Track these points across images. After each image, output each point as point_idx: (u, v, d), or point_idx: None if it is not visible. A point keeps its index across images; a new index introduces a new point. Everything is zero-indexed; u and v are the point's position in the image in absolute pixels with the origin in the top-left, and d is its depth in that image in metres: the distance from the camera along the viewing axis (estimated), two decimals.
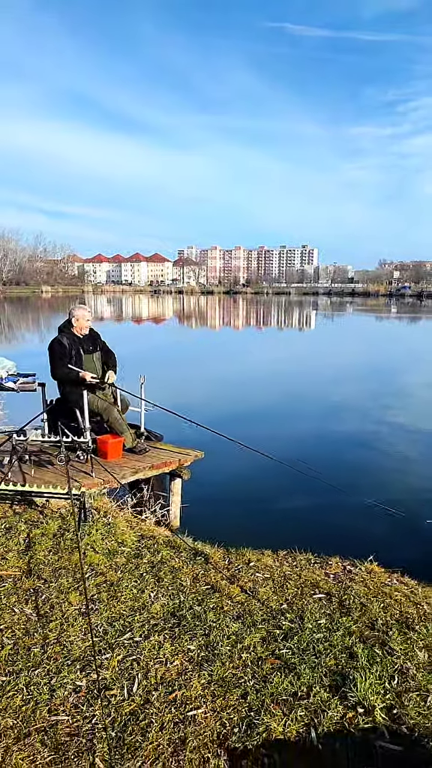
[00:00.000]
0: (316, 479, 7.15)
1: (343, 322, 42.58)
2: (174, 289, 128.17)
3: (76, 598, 2.82)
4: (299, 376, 15.71)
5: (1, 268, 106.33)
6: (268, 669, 2.32)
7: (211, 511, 6.28)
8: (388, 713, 2.10)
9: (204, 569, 3.25)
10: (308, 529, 5.48)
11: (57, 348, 5.29)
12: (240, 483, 7.10)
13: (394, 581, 3.32)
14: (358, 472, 7.42)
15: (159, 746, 1.91)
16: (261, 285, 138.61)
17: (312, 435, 9.37)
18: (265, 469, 7.49)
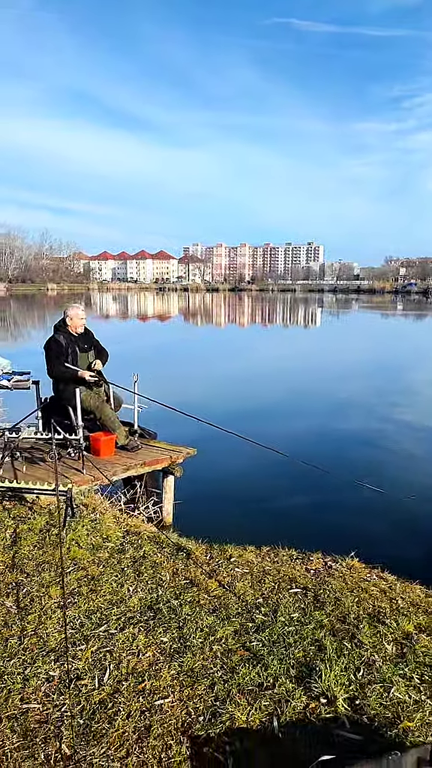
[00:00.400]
0: (310, 475, 7.21)
1: (348, 319, 42.52)
2: (179, 286, 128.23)
3: (57, 591, 2.89)
4: (301, 374, 15.75)
5: (7, 266, 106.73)
6: (237, 660, 2.38)
7: (204, 508, 6.34)
8: (351, 704, 2.15)
9: (185, 564, 3.31)
10: (298, 525, 5.53)
11: (54, 347, 5.36)
12: (234, 480, 7.16)
13: (374, 577, 3.38)
14: (356, 468, 7.46)
15: (124, 733, 1.98)
16: (266, 282, 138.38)
17: (310, 431, 9.42)
18: (260, 467, 7.56)
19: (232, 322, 39.65)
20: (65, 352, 5.33)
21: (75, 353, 5.40)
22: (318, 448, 8.57)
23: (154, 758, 1.88)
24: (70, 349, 5.37)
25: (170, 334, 30.40)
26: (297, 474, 7.42)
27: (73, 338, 5.48)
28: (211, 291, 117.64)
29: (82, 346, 5.50)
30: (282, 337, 28.89)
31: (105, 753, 1.90)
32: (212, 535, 4.18)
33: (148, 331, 31.56)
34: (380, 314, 47.78)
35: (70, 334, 5.49)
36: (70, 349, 5.37)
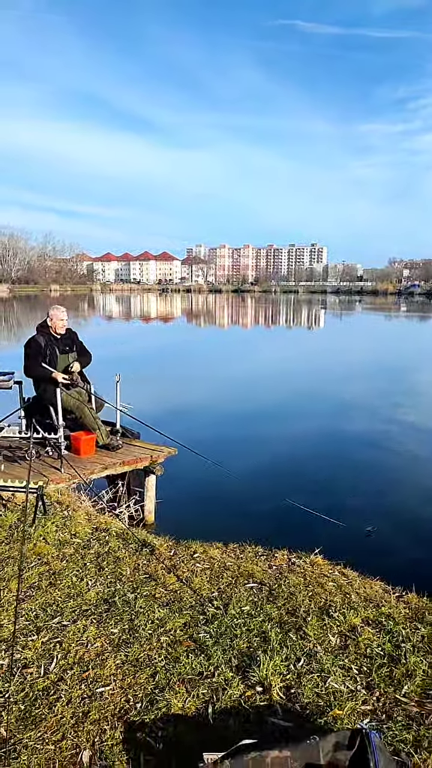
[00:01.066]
0: (292, 477, 7.29)
1: (351, 321, 42.51)
2: (182, 287, 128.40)
3: (16, 584, 2.97)
4: (300, 376, 15.80)
5: (10, 267, 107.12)
6: (181, 651, 2.45)
7: (186, 506, 6.42)
8: (286, 692, 2.23)
9: (147, 560, 3.39)
10: (274, 524, 5.60)
11: (33, 346, 5.45)
12: (216, 479, 7.23)
13: (335, 573, 3.44)
14: (339, 473, 7.52)
15: (62, 718, 2.06)
16: (269, 283, 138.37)
17: (301, 433, 9.48)
18: (243, 468, 7.63)
19: (233, 323, 39.70)
20: (44, 352, 5.41)
21: (54, 354, 5.48)
22: (301, 452, 8.64)
23: (88, 741, 1.96)
24: (49, 349, 5.45)
25: (171, 335, 30.48)
26: (280, 475, 7.51)
27: (54, 339, 5.57)
28: (213, 292, 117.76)
29: (62, 347, 5.58)
30: (281, 338, 28.93)
31: (41, 737, 1.98)
32: (189, 532, 4.25)
33: (149, 332, 31.64)
34: (383, 316, 47.75)
35: (50, 335, 5.58)
36: (49, 350, 5.45)
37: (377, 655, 2.47)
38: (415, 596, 3.14)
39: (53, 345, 5.52)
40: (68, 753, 1.91)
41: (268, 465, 7.86)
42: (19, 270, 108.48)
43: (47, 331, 5.59)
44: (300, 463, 7.90)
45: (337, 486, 6.92)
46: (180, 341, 26.41)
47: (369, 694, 2.24)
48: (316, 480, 7.13)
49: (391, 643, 2.56)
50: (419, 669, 2.37)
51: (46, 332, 5.58)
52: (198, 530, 4.43)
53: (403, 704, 2.18)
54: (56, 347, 5.53)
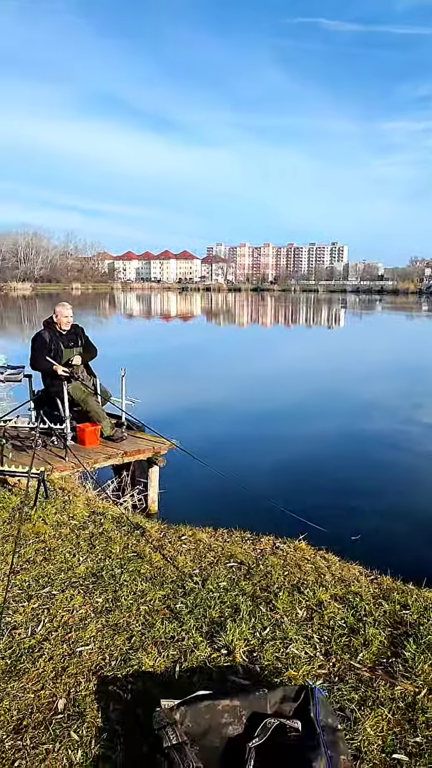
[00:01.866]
0: (295, 470, 7.46)
1: (371, 321, 42.31)
2: (202, 286, 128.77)
3: (12, 559, 3.22)
4: (319, 375, 15.92)
5: (33, 266, 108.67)
6: (158, 618, 2.67)
7: (189, 497, 6.65)
8: (249, 655, 2.43)
9: (137, 540, 3.61)
10: (272, 514, 5.79)
11: (38, 341, 5.73)
12: (219, 471, 7.44)
13: (317, 557, 3.62)
14: (351, 473, 7.66)
15: (43, 672, 2.29)
16: (289, 282, 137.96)
17: (316, 433, 9.63)
18: (246, 460, 7.83)
19: (252, 322, 39.84)
20: (49, 347, 5.67)
21: (59, 348, 5.74)
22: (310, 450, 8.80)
23: (64, 691, 2.19)
24: (54, 344, 5.72)
25: (189, 333, 30.77)
26: (286, 473, 7.69)
27: (59, 334, 5.83)
28: (233, 291, 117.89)
29: (66, 342, 5.84)
30: (300, 337, 29.00)
31: (23, 687, 2.21)
32: (188, 521, 4.47)
33: (169, 330, 31.98)
34: (405, 315, 47.43)
35: (56, 331, 5.84)
36: (54, 345, 5.71)
37: (339, 626, 2.66)
38: (389, 579, 3.30)
39: (58, 340, 5.78)
40: (46, 701, 2.14)
41: (277, 462, 8.03)
42: (42, 268, 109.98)
43: (53, 327, 5.86)
44: (311, 461, 8.06)
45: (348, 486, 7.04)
46: (197, 340, 26.67)
47: (326, 659, 2.43)
48: (326, 479, 7.28)
49: (354, 617, 2.74)
50: (376, 640, 2.55)
51: (51, 328, 5.84)
52: (197, 519, 4.63)
53: (356, 669, 2.36)
54: (61, 342, 5.79)
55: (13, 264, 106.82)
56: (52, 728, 2.00)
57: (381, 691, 2.22)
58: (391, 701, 2.17)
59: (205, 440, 8.77)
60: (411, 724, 2.05)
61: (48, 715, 2.07)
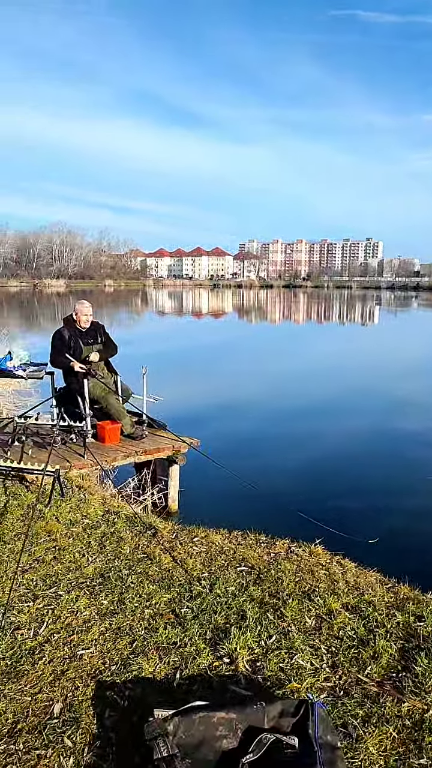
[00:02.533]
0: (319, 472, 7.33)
1: (406, 318, 41.50)
2: (233, 283, 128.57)
3: (24, 557, 3.22)
4: (352, 372, 15.69)
5: (67, 263, 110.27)
6: (161, 623, 2.62)
7: (209, 496, 6.59)
8: (252, 665, 2.36)
9: (148, 541, 3.58)
10: (292, 516, 5.69)
11: (57, 338, 5.76)
12: (241, 470, 7.38)
13: (333, 563, 3.52)
14: (381, 474, 7.49)
15: (42, 675, 2.27)
16: (322, 279, 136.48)
17: (346, 431, 9.46)
18: (268, 459, 7.74)
19: (284, 319, 39.55)
20: (68, 344, 5.70)
21: (78, 346, 5.76)
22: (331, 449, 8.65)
23: (61, 696, 2.16)
24: (73, 342, 5.74)
25: (220, 331, 30.74)
26: (307, 468, 7.56)
27: (78, 332, 5.85)
28: (265, 287, 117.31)
29: (86, 339, 5.86)
30: (332, 335, 28.65)
31: (20, 689, 2.19)
32: (206, 520, 4.43)
33: (200, 328, 32.01)
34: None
35: (75, 328, 5.86)
36: (73, 342, 5.73)
37: (348, 637, 2.56)
38: (406, 587, 3.18)
39: (77, 337, 5.80)
40: (42, 704, 2.12)
41: (301, 462, 7.89)
42: (75, 266, 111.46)
43: (72, 325, 5.88)
44: (338, 461, 7.89)
45: (377, 487, 6.86)
46: (227, 337, 26.61)
47: (332, 672, 2.34)
48: (353, 480, 7.13)
49: (364, 628, 2.64)
50: (386, 653, 2.45)
51: (71, 325, 5.87)
52: (216, 519, 4.57)
53: (363, 683, 2.27)
54: (80, 339, 5.81)
55: (47, 261, 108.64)
56: (46, 733, 1.98)
57: (387, 707, 2.12)
58: (398, 719, 2.07)
59: (229, 439, 8.71)
60: (416, 745, 1.95)
61: (43, 720, 2.04)
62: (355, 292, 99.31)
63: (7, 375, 6.19)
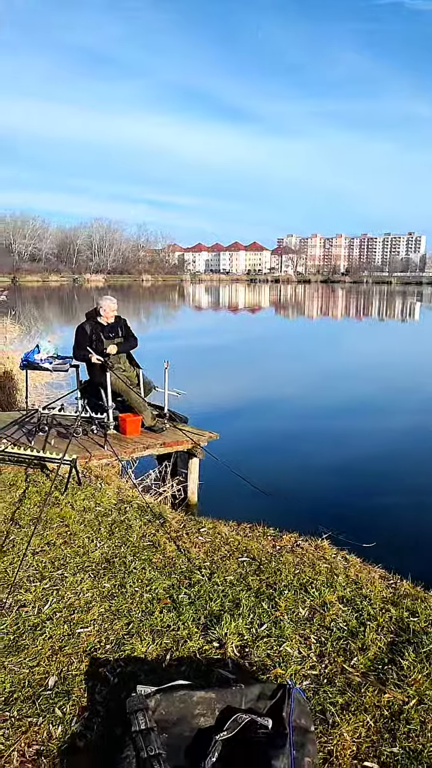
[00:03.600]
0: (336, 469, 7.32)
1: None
2: (270, 277, 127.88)
3: (36, 541, 3.39)
4: (386, 371, 15.53)
5: (106, 258, 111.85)
6: (159, 607, 2.73)
7: (228, 489, 6.67)
8: (241, 650, 2.45)
9: (156, 530, 3.69)
10: (307, 512, 5.73)
11: (79, 333, 5.96)
12: (260, 464, 7.45)
13: (338, 558, 3.56)
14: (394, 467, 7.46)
15: (41, 649, 2.41)
16: (360, 274, 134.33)
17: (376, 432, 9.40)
18: (288, 454, 7.78)
19: (321, 314, 39.21)
20: (90, 338, 5.88)
21: (100, 339, 5.93)
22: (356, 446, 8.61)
23: (57, 670, 2.30)
24: (95, 336, 5.91)
25: (254, 326, 30.73)
26: (325, 460, 7.56)
27: (101, 326, 6.02)
28: (302, 282, 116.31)
29: (107, 333, 6.02)
30: (365, 331, 28.27)
31: (20, 662, 2.34)
32: (223, 511, 4.53)
33: (234, 322, 32.08)
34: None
35: (98, 323, 6.04)
36: (95, 336, 5.91)
37: (339, 628, 2.62)
38: (408, 584, 3.21)
39: (99, 331, 5.97)
40: (38, 677, 2.26)
41: (326, 459, 7.88)
42: (114, 261, 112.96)
43: (95, 319, 6.06)
44: (363, 460, 7.82)
45: (404, 486, 6.81)
46: (260, 332, 26.58)
47: (318, 661, 2.40)
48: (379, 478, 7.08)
49: (356, 620, 2.69)
50: (375, 645, 2.50)
51: (94, 320, 6.04)
52: (232, 512, 4.64)
53: (347, 673, 2.33)
54: (102, 333, 5.97)
55: (87, 256, 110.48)
56: (39, 703, 2.11)
57: (368, 697, 2.18)
58: (376, 708, 2.12)
59: (251, 435, 8.78)
60: (391, 734, 2.00)
61: (38, 691, 2.18)
62: (394, 287, 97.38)
63: (35, 367, 6.41)
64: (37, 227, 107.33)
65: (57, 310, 35.81)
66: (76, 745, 1.94)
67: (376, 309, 44.42)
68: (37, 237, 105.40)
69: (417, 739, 1.98)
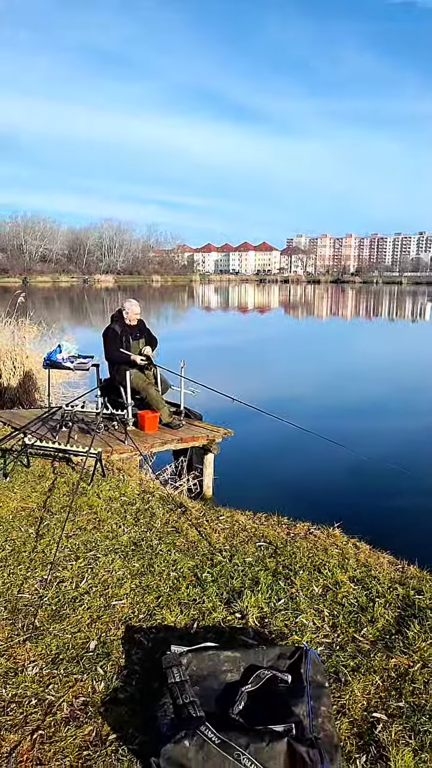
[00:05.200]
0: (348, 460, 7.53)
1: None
2: (280, 278, 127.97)
3: (68, 526, 3.66)
4: (397, 372, 15.70)
5: (116, 259, 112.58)
6: (184, 584, 2.99)
7: (243, 482, 6.94)
8: (261, 621, 2.70)
9: (178, 517, 3.96)
10: (321, 504, 5.96)
11: (110, 334, 6.27)
12: (273, 459, 7.70)
13: (349, 545, 3.80)
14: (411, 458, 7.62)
15: (81, 618, 2.68)
16: (370, 274, 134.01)
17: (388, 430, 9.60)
18: (299, 449, 8.01)
19: (331, 314, 39.34)
20: (120, 339, 6.19)
21: (128, 340, 6.25)
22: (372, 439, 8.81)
23: (96, 635, 2.56)
24: (124, 337, 6.23)
25: (262, 327, 30.95)
26: (336, 458, 7.78)
27: (127, 328, 6.32)
28: (312, 283, 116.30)
29: (134, 334, 6.34)
30: (375, 332, 28.39)
31: (63, 629, 2.61)
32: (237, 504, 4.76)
33: (242, 323, 32.32)
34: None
35: (125, 325, 6.34)
36: (124, 337, 6.23)
37: (350, 604, 2.86)
38: (415, 568, 3.44)
39: (127, 333, 6.28)
40: (80, 641, 2.52)
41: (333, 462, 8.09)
42: (124, 261, 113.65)
43: (122, 321, 6.35)
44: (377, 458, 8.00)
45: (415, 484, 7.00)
46: (269, 333, 26.79)
47: (332, 631, 2.65)
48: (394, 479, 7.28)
49: (366, 597, 2.93)
50: (383, 618, 2.74)
51: (120, 322, 6.34)
52: (246, 505, 4.87)
53: (358, 641, 2.57)
54: (129, 335, 6.28)
55: (97, 257, 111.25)
56: (82, 663, 2.37)
57: (377, 661, 2.42)
58: (384, 671, 2.37)
59: (264, 433, 9.02)
60: (397, 691, 2.25)
61: (81, 653, 2.44)
62: (405, 287, 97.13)
63: (57, 366, 6.68)
64: (48, 228, 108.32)
65: (68, 310, 36.22)
66: (117, 697, 2.20)
67: (387, 309, 44.46)
68: (48, 238, 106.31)
69: (421, 696, 2.22)
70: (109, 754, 1.93)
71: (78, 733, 2.01)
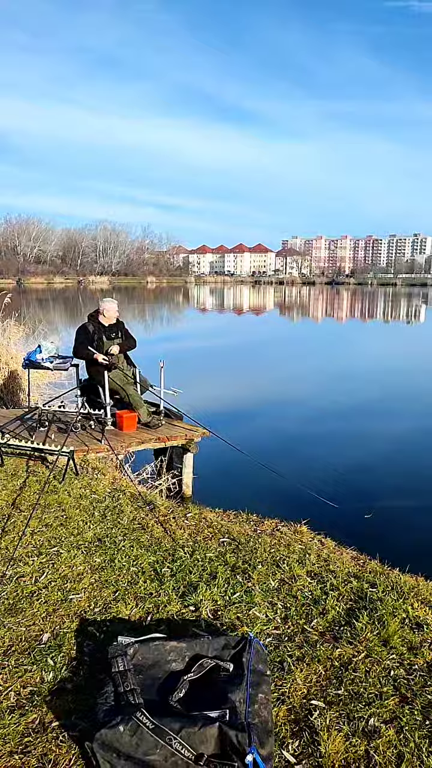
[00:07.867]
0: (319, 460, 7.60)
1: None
2: (275, 279, 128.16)
3: (34, 522, 3.71)
4: (387, 375, 15.78)
5: (111, 260, 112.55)
6: (143, 578, 3.04)
7: (221, 482, 6.99)
8: (213, 613, 2.75)
9: (145, 514, 4.01)
10: (298, 506, 6.02)
11: (81, 332, 6.29)
12: (251, 458, 7.73)
13: (314, 541, 3.87)
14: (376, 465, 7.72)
15: (37, 612, 2.73)
16: (365, 275, 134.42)
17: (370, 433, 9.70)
18: (276, 450, 8.08)
19: (324, 316, 39.45)
20: (91, 337, 6.21)
21: (101, 339, 6.27)
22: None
23: (50, 628, 2.61)
24: (97, 336, 6.25)
25: (256, 328, 31.03)
26: (319, 462, 7.85)
27: (102, 327, 6.35)
28: (306, 284, 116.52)
29: (108, 334, 6.36)
30: (373, 334, 28.50)
31: (18, 622, 2.65)
32: (216, 503, 4.81)
33: (236, 324, 32.39)
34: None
35: (100, 324, 6.37)
36: (97, 336, 6.24)
37: (303, 597, 2.92)
38: (376, 563, 3.50)
39: (101, 332, 6.30)
40: (34, 633, 2.57)
41: (318, 460, 8.17)
42: (119, 263, 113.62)
43: (97, 320, 6.39)
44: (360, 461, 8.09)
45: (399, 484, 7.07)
46: (262, 335, 26.86)
47: (282, 623, 2.71)
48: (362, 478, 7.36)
49: (320, 590, 2.99)
50: (334, 610, 2.80)
51: (95, 321, 6.38)
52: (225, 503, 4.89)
53: (307, 632, 2.63)
54: (103, 334, 6.31)
55: (92, 259, 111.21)
56: (33, 654, 2.42)
57: (322, 651, 2.48)
58: (328, 660, 2.43)
59: (246, 431, 9.08)
60: (338, 680, 2.31)
61: (33, 645, 2.49)
62: (400, 289, 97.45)
63: (36, 366, 6.74)
64: (42, 229, 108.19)
65: (61, 311, 36.21)
66: (65, 687, 2.25)
67: (381, 311, 44.60)
68: (42, 239, 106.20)
69: (360, 684, 2.28)
70: (49, 740, 1.98)
71: (21, 721, 2.06)
